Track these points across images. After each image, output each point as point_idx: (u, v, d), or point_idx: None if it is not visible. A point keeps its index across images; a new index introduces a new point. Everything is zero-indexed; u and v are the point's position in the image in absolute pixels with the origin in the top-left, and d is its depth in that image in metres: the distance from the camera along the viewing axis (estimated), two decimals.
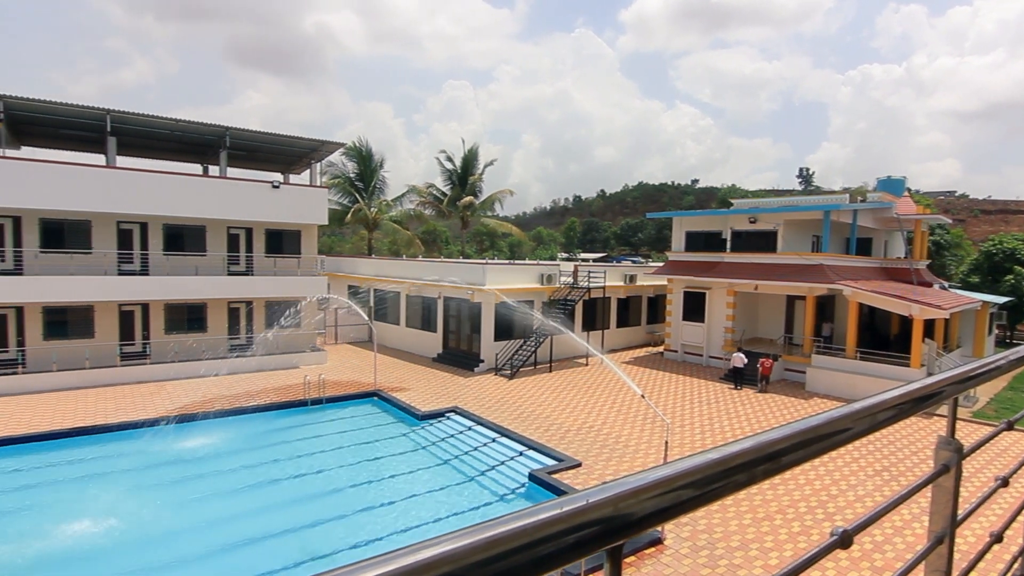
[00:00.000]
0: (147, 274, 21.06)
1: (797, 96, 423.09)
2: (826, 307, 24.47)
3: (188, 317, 22.16)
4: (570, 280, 25.70)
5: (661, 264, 29.07)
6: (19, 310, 19.09)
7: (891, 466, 13.55)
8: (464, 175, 42.41)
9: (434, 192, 43.64)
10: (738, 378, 21.14)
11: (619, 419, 16.76)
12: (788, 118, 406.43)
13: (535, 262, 34.15)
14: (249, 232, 23.45)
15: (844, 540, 0.93)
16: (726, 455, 0.79)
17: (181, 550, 9.99)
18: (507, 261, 42.89)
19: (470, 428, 15.87)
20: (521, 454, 14.05)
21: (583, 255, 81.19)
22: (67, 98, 23.28)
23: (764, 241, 24.37)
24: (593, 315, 27.10)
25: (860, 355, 20.51)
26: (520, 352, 22.67)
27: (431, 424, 16.59)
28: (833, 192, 40.77)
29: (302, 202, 23.86)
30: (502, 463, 13.85)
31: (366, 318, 23.65)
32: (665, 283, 27.50)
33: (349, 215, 39.21)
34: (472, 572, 0.54)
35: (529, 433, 15.16)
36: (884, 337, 23.80)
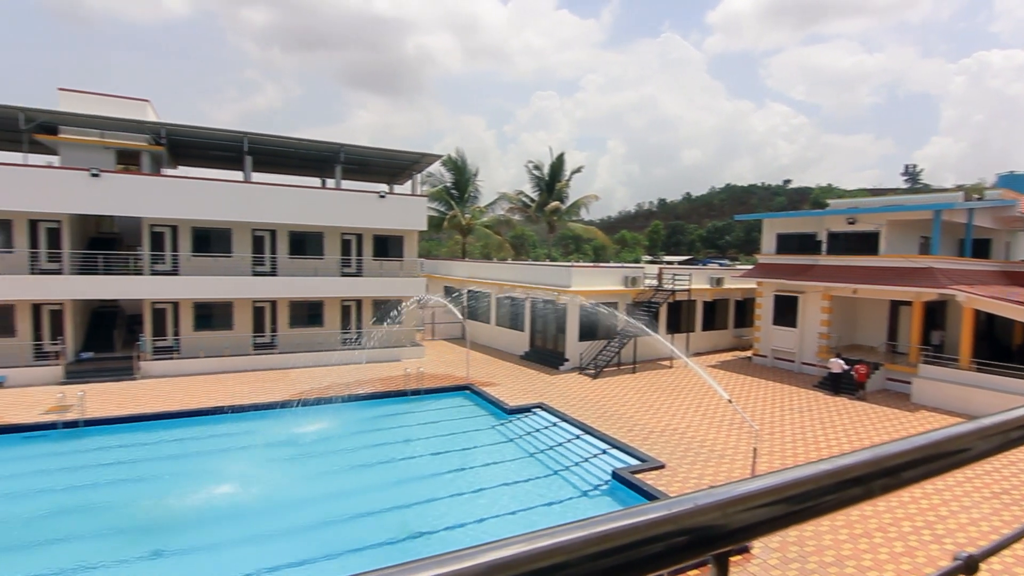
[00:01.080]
0: (275, 275, 24.03)
1: (902, 89, 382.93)
2: (936, 313, 22.94)
3: (308, 313, 25.00)
4: (654, 283, 25.97)
5: (750, 267, 28.47)
6: (175, 305, 22.56)
7: (1012, 489, 12.43)
8: (551, 182, 43.59)
9: (523, 198, 45.16)
10: (836, 384, 20.51)
11: (704, 423, 16.93)
12: (892, 113, 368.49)
13: (619, 265, 34.49)
14: (359, 237, 25.96)
15: (969, 566, 0.83)
16: (839, 467, 0.76)
17: (301, 518, 11.52)
18: (591, 264, 43.43)
19: (555, 424, 16.82)
20: (604, 452, 14.62)
21: (667, 258, 79.52)
22: (212, 124, 26.87)
23: (864, 243, 23.29)
24: (678, 318, 27.15)
25: (977, 366, 19.18)
26: (604, 352, 23.33)
27: (518, 418, 17.73)
28: (945, 190, 37.39)
29: (405, 210, 26.03)
30: (586, 460, 14.52)
31: (460, 317, 25.33)
32: (754, 286, 26.96)
33: (446, 221, 41.62)
34: (583, 564, 0.56)
35: (612, 432, 15.79)
36: (1005, 348, 21.96)
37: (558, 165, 43.89)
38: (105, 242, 24.17)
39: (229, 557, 10.12)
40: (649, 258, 79.74)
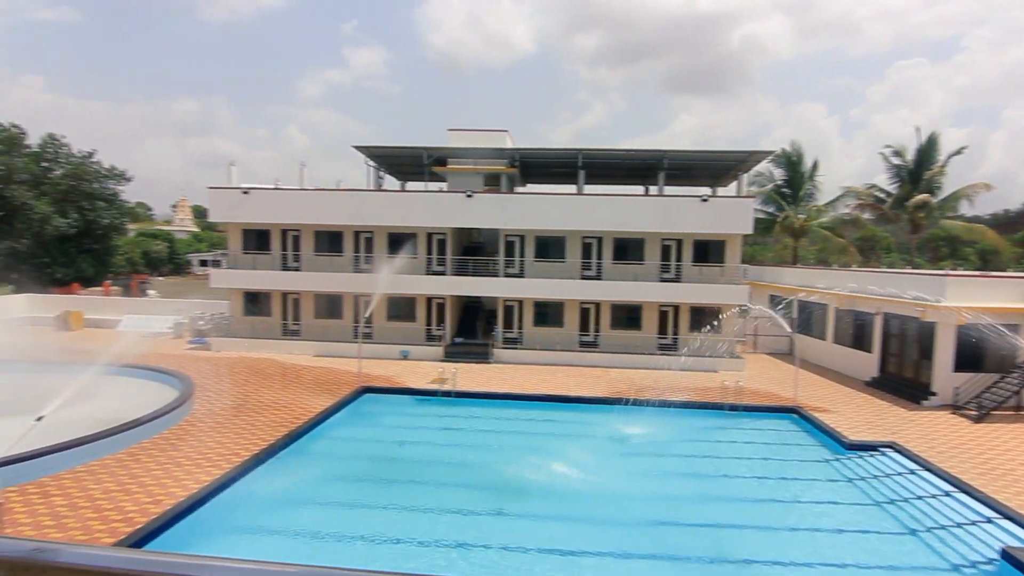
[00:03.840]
0: (600, 279, 26.00)
1: None
2: None
3: (628, 316, 26.29)
4: None
5: None
6: (520, 303, 26.55)
7: None
8: (917, 170, 35.50)
9: (875, 193, 37.98)
10: None
11: None
12: None
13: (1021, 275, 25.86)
14: (679, 243, 25.99)
15: None
16: None
17: (617, 513, 12.25)
18: (976, 272, 33.73)
19: (913, 472, 13.81)
20: (989, 520, 11.42)
21: None
22: (550, 144, 30.55)
23: None
24: None
25: None
26: (995, 389, 17.97)
27: (860, 456, 15.17)
28: None
29: (728, 213, 24.93)
30: (958, 525, 11.59)
31: (788, 329, 22.98)
32: None
33: (777, 224, 38.12)
34: None
35: (1004, 496, 12.19)
36: None
37: (928, 148, 35.46)
38: (473, 250, 30.04)
39: (555, 530, 11.48)
40: None
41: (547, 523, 11.82)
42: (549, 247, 26.28)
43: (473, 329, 27.99)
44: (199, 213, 70.12)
